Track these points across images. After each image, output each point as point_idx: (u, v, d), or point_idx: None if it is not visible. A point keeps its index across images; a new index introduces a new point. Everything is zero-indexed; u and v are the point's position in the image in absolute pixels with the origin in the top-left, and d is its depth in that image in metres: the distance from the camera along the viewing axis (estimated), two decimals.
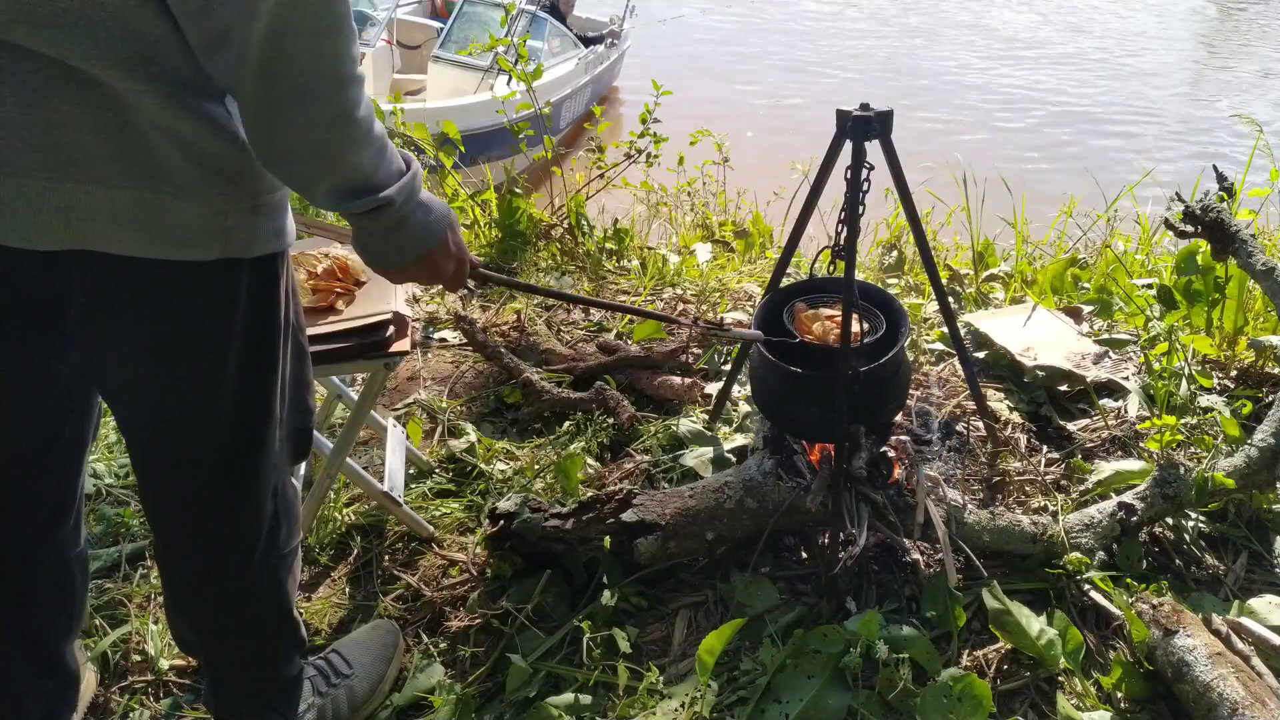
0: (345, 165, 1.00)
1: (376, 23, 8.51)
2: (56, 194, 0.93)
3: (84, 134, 0.92)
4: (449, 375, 2.65)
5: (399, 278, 1.20)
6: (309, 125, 0.94)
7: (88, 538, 1.97)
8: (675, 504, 1.81)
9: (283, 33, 0.87)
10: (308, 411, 1.34)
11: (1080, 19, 16.64)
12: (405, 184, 1.07)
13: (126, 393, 1.14)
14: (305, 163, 0.98)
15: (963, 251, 3.68)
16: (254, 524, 1.26)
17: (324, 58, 0.92)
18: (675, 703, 1.57)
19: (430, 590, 1.87)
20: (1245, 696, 1.42)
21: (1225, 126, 9.86)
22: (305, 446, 1.36)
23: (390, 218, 1.07)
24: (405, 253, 1.13)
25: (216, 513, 1.23)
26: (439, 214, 1.15)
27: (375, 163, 1.02)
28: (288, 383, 1.23)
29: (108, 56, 0.88)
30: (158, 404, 1.13)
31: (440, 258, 1.17)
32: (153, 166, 0.95)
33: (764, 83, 11.44)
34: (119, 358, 1.09)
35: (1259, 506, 1.99)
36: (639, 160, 3.84)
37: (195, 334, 1.08)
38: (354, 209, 1.04)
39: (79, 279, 1.01)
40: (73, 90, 0.90)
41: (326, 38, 0.91)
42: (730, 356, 2.58)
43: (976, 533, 1.83)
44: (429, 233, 1.13)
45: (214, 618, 1.34)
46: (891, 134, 1.76)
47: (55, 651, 1.34)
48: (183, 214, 0.99)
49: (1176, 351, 2.43)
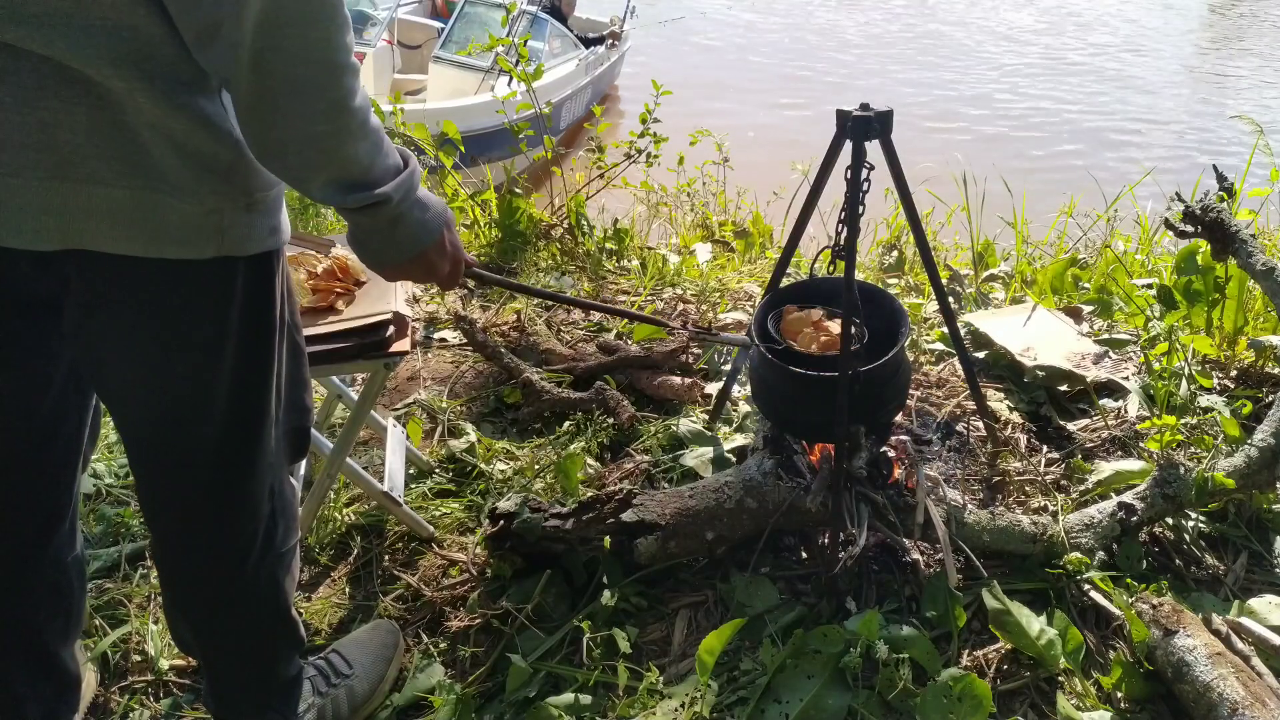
0: (342, 157, 0.99)
1: (377, 23, 8.50)
2: (51, 194, 0.93)
3: (78, 133, 0.91)
4: (449, 375, 2.65)
5: (394, 275, 1.19)
6: (304, 116, 0.94)
7: (88, 538, 1.98)
8: (675, 504, 1.81)
9: (274, 22, 0.87)
10: (305, 410, 1.33)
11: (1081, 18, 16.64)
12: (403, 180, 1.06)
13: (123, 392, 1.13)
14: (301, 155, 0.97)
15: (963, 251, 3.68)
16: (251, 523, 1.26)
17: (317, 46, 0.91)
18: (675, 703, 1.57)
19: (430, 590, 1.87)
20: (1245, 696, 1.42)
21: (1225, 126, 9.86)
22: (303, 446, 1.35)
23: (387, 215, 1.06)
24: (402, 251, 1.12)
25: (213, 512, 1.23)
26: (436, 212, 1.14)
27: (372, 156, 1.02)
28: (284, 382, 1.22)
29: (101, 55, 0.88)
30: (154, 403, 1.12)
31: (436, 256, 1.17)
32: (147, 165, 0.95)
33: (764, 83, 11.44)
34: (115, 357, 1.08)
35: (1259, 506, 1.99)
36: (639, 160, 3.84)
37: (191, 333, 1.08)
38: (350, 204, 1.03)
39: (75, 279, 1.01)
40: (66, 89, 0.89)
41: (319, 26, 0.90)
42: (730, 356, 2.58)
43: (976, 533, 1.83)
44: (426, 231, 1.12)
45: (212, 617, 1.34)
46: (891, 134, 1.76)
47: (53, 654, 1.34)
48: (178, 213, 0.98)
49: (1176, 351, 2.43)
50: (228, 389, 1.13)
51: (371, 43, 8.26)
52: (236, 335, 1.10)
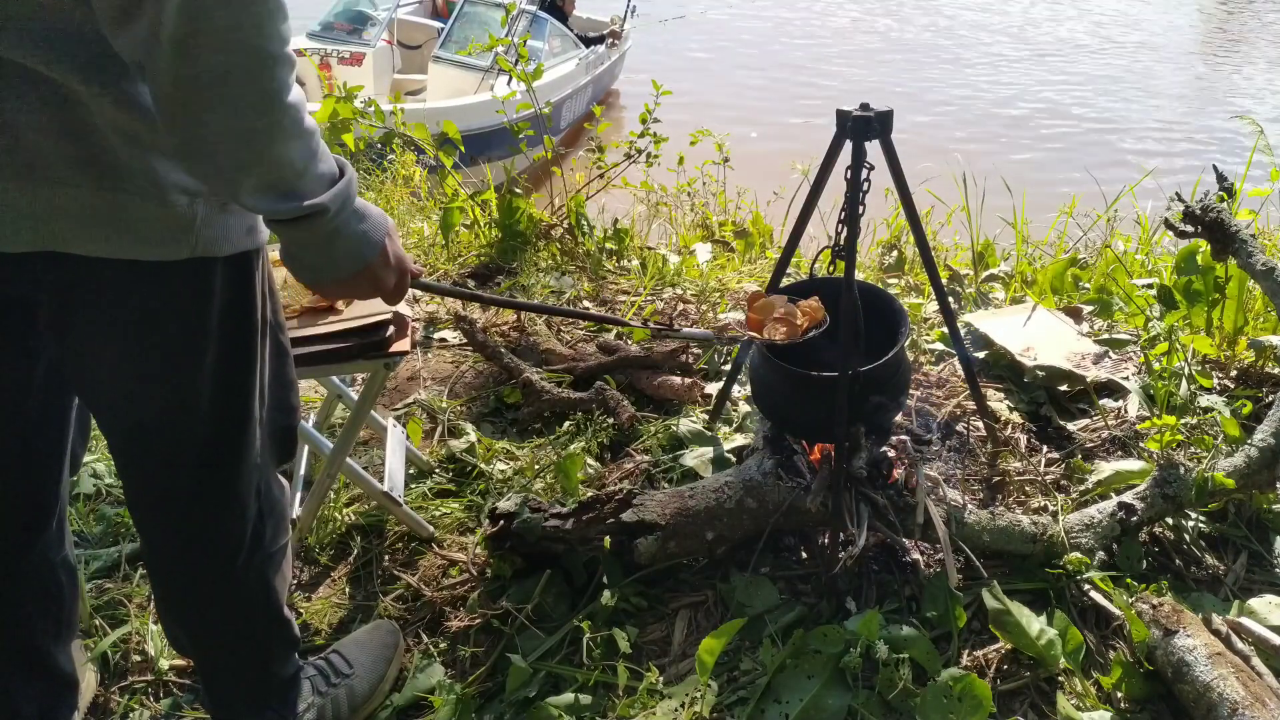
0: (274, 157, 0.91)
1: (377, 23, 8.51)
2: (21, 195, 0.92)
3: (46, 136, 0.90)
4: (449, 375, 2.65)
5: (336, 293, 1.12)
6: (233, 109, 0.86)
7: (88, 538, 1.98)
8: (675, 504, 1.81)
9: (201, 3, 0.80)
10: (291, 410, 1.32)
11: (1084, 17, 16.64)
12: (340, 190, 0.99)
13: (103, 395, 1.12)
14: (228, 154, 0.89)
15: (963, 251, 3.67)
16: (238, 524, 1.25)
17: (248, 32, 0.84)
18: (675, 703, 1.57)
19: (430, 590, 1.87)
20: (1245, 696, 1.42)
21: (1225, 126, 9.86)
22: (290, 446, 1.34)
23: (324, 228, 0.98)
24: (341, 267, 1.05)
25: (199, 513, 1.22)
26: (375, 221, 1.07)
27: (306, 159, 0.94)
28: (268, 382, 1.21)
29: (65, 60, 0.87)
30: (134, 405, 1.11)
31: (381, 270, 1.09)
32: (116, 167, 0.94)
33: (765, 83, 11.45)
34: (94, 359, 1.07)
35: (1259, 506, 1.99)
36: (639, 160, 3.84)
37: (169, 335, 1.07)
38: (282, 213, 0.95)
39: (50, 280, 0.99)
40: (32, 93, 0.89)
41: (250, 10, 0.83)
42: (730, 356, 2.58)
43: (976, 533, 1.83)
44: (367, 244, 1.05)
45: (202, 618, 1.34)
46: (891, 134, 1.76)
47: (45, 655, 1.34)
48: (149, 214, 0.97)
49: (1176, 351, 2.43)
50: (210, 391, 1.11)
51: (371, 43, 8.27)
52: (217, 337, 1.09)
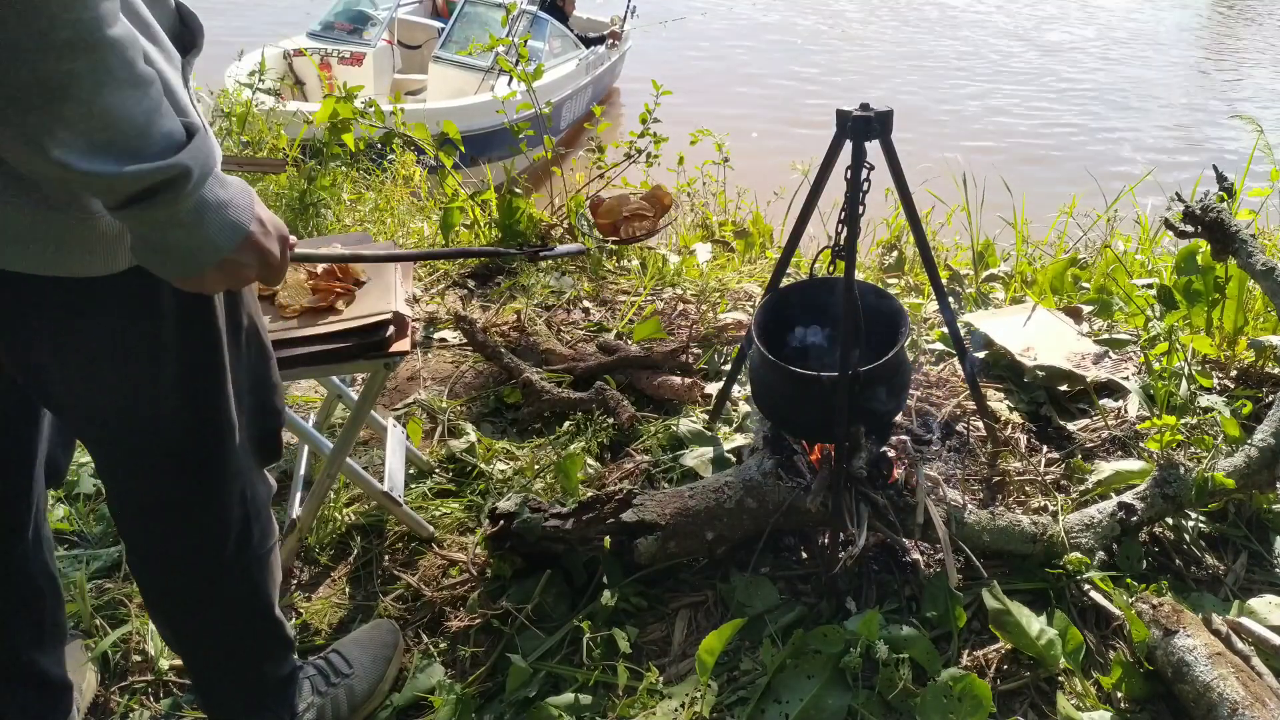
0: (101, 109, 0.75)
1: (377, 22, 8.51)
2: None
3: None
4: (449, 375, 2.65)
5: (218, 282, 0.95)
6: (31, 46, 0.70)
7: (88, 538, 1.98)
8: (675, 504, 1.81)
9: None
10: (275, 413, 1.30)
11: (1084, 19, 16.64)
12: (199, 147, 0.83)
13: (65, 406, 1.11)
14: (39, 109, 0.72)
15: (963, 251, 3.68)
16: (219, 527, 1.23)
17: None
18: (675, 703, 1.57)
19: (430, 590, 1.87)
20: (1245, 696, 1.42)
21: (1225, 126, 9.86)
22: (275, 448, 1.32)
23: (189, 199, 0.84)
24: (219, 244, 0.89)
25: (179, 520, 1.21)
26: (237, 185, 0.92)
27: (150, 113, 0.79)
28: (245, 386, 1.19)
29: None
30: (96, 415, 1.10)
31: (263, 239, 0.95)
32: (38, 183, 0.89)
33: (764, 83, 11.45)
34: (49, 373, 1.05)
35: (1259, 506, 1.99)
36: (639, 160, 3.84)
37: (122, 346, 1.03)
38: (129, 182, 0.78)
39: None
40: None
41: None
42: (730, 357, 2.58)
43: (976, 533, 1.83)
44: (240, 211, 0.90)
45: (187, 620, 1.33)
46: (891, 134, 1.76)
47: (29, 661, 1.34)
48: (76, 228, 0.92)
49: (1176, 351, 2.43)
50: (175, 402, 1.09)
51: (371, 43, 8.27)
52: (174, 346, 1.06)
